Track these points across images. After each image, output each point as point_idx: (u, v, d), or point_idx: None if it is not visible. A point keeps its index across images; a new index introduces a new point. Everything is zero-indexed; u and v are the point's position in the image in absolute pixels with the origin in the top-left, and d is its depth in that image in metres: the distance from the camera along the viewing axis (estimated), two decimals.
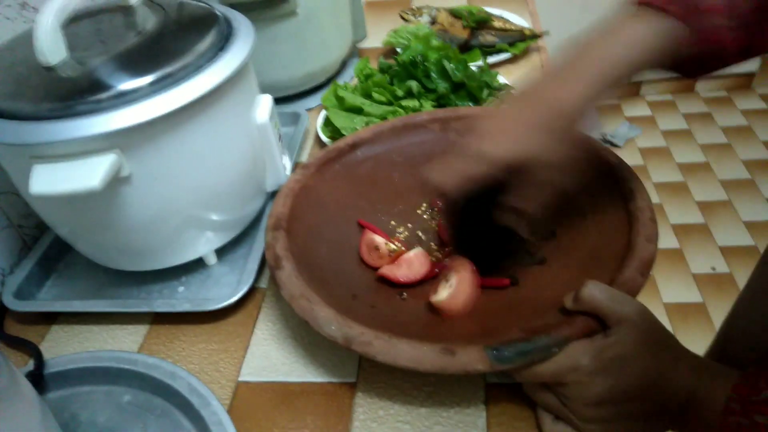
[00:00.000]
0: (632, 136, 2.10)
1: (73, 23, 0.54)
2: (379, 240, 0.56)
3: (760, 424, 0.36)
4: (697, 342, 1.44)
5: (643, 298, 0.40)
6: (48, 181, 0.45)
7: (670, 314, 1.53)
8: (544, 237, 0.53)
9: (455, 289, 0.49)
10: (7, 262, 0.64)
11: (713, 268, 1.64)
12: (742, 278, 1.60)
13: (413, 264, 0.54)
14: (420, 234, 0.60)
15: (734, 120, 2.15)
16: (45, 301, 0.61)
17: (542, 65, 0.88)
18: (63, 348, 0.56)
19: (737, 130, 2.10)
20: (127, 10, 0.57)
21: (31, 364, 0.52)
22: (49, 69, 0.48)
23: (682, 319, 1.52)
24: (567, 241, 0.54)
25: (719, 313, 1.52)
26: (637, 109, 2.24)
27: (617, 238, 0.49)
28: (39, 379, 0.51)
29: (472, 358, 0.40)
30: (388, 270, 0.53)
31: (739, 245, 1.70)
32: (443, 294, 0.49)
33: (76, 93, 0.46)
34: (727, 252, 1.68)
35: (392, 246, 0.55)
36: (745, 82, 2.25)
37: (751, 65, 2.18)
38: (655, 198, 1.87)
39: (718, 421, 0.38)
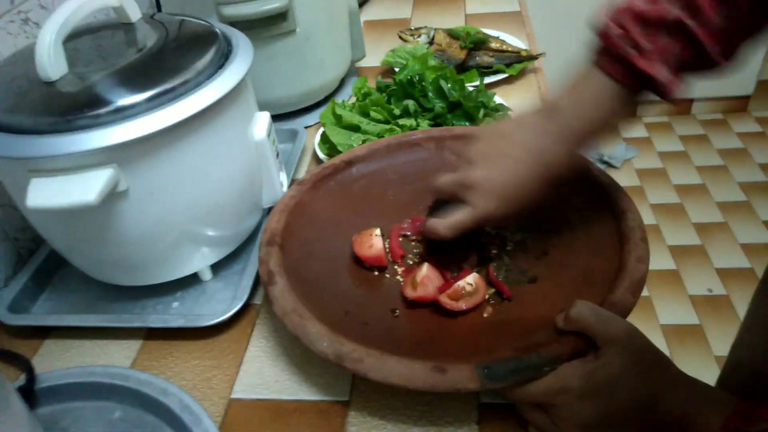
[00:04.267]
0: (629, 157, 2.12)
1: (74, 39, 0.55)
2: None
3: None
4: (695, 365, 1.44)
5: (640, 319, 0.41)
6: (45, 194, 0.46)
7: (667, 336, 1.52)
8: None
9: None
10: (2, 275, 0.64)
11: (710, 290, 1.64)
12: (738, 300, 1.59)
13: (432, 279, 0.53)
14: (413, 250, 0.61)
15: (730, 142, 2.16)
16: (38, 315, 0.61)
17: (539, 88, 0.89)
18: (55, 362, 0.56)
19: (733, 153, 2.12)
20: (128, 27, 0.58)
21: (22, 379, 0.51)
22: (50, 84, 0.49)
23: (680, 342, 1.51)
24: (559, 260, 0.54)
25: (716, 336, 1.52)
26: (635, 131, 2.25)
27: (608, 258, 0.49)
28: (30, 394, 0.50)
29: (463, 376, 0.40)
30: (420, 292, 0.52)
31: (736, 267, 1.70)
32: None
33: (76, 108, 0.47)
34: (724, 274, 1.68)
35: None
36: (741, 105, 2.27)
37: (747, 88, 2.21)
38: (651, 219, 1.87)
39: None
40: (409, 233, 0.61)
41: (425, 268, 0.53)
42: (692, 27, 0.42)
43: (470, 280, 0.51)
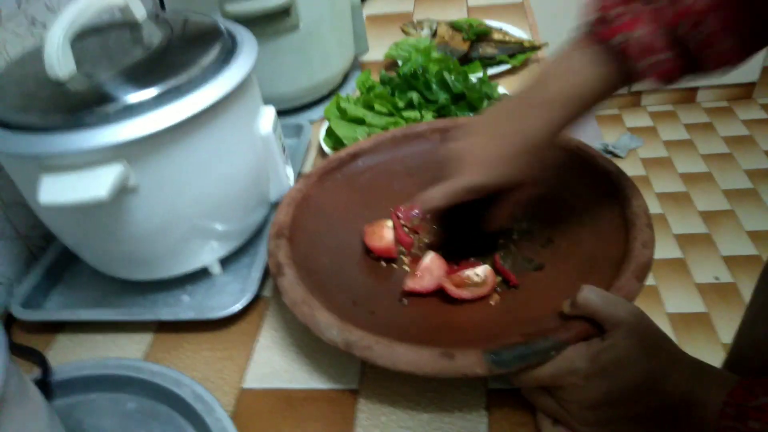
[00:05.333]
0: (634, 146, 2.11)
1: (81, 39, 0.56)
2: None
3: (754, 429, 0.36)
4: (703, 352, 1.44)
5: (647, 308, 0.41)
6: (56, 191, 0.46)
7: (675, 325, 1.52)
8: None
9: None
10: (15, 272, 0.65)
11: (717, 278, 1.64)
12: (745, 288, 1.59)
13: (433, 270, 0.54)
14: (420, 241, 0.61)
15: (735, 130, 2.15)
16: (51, 311, 0.62)
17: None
18: (68, 356, 0.57)
19: (739, 140, 2.11)
20: (134, 26, 0.59)
21: (37, 373, 0.52)
22: (58, 83, 0.50)
23: (687, 330, 1.51)
24: (565, 247, 0.54)
25: (723, 324, 1.51)
26: (639, 120, 2.25)
27: (614, 244, 0.50)
28: (46, 387, 0.51)
29: (470, 362, 0.41)
30: (416, 284, 0.53)
31: (743, 254, 1.69)
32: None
33: (84, 106, 0.47)
34: (731, 261, 1.68)
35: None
36: (746, 92, 2.26)
37: (751, 75, 2.19)
38: (657, 208, 1.87)
39: (712, 425, 0.38)
40: (400, 215, 0.61)
41: (428, 259, 0.54)
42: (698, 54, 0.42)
43: (479, 271, 0.52)
